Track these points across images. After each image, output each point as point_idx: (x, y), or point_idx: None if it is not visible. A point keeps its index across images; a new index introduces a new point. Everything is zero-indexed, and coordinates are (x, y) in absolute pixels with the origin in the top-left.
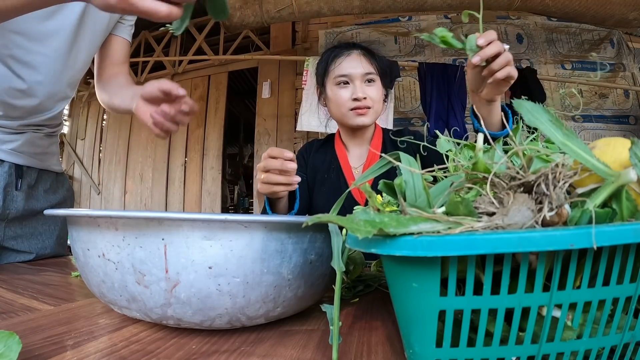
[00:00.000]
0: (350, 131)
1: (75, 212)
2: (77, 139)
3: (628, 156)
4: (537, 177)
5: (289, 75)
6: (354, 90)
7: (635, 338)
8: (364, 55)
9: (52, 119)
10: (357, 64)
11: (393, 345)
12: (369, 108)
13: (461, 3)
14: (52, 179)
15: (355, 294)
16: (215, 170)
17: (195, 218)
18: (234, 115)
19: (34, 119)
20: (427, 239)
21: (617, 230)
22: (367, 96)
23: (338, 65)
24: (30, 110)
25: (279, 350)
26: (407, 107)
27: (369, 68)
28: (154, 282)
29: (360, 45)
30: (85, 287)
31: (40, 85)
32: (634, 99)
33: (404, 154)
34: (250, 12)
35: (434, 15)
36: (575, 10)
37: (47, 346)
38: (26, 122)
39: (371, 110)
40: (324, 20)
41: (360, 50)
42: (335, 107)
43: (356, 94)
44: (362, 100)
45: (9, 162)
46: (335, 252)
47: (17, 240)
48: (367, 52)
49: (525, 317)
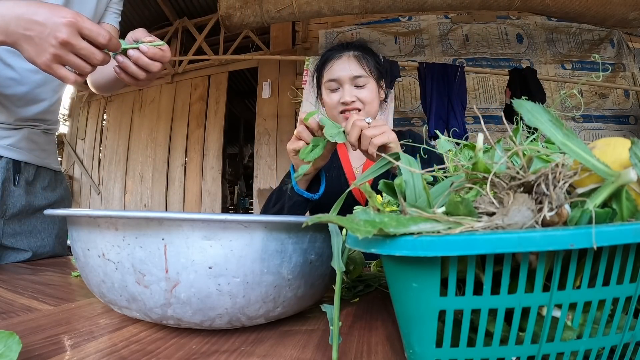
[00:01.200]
0: None
1: (75, 212)
2: (77, 139)
3: (628, 156)
4: (537, 177)
5: (289, 75)
6: (343, 94)
7: (635, 338)
8: (355, 57)
9: (48, 112)
10: (345, 67)
11: (393, 345)
12: (360, 110)
13: (461, 3)
14: (50, 176)
15: (355, 294)
16: (215, 170)
17: (195, 218)
18: (234, 115)
19: (29, 111)
20: (427, 239)
21: (617, 230)
22: (357, 99)
23: (329, 69)
24: (22, 98)
25: (279, 350)
26: (407, 107)
27: (358, 71)
28: (154, 282)
29: (353, 46)
30: (85, 287)
31: (30, 72)
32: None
33: (403, 154)
34: (250, 12)
35: (434, 15)
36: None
37: (47, 346)
38: (22, 116)
39: (362, 113)
40: (324, 20)
41: (353, 52)
42: (328, 110)
43: (344, 97)
44: (350, 104)
45: (7, 157)
46: (335, 252)
47: (15, 238)
48: (361, 52)
49: (525, 317)
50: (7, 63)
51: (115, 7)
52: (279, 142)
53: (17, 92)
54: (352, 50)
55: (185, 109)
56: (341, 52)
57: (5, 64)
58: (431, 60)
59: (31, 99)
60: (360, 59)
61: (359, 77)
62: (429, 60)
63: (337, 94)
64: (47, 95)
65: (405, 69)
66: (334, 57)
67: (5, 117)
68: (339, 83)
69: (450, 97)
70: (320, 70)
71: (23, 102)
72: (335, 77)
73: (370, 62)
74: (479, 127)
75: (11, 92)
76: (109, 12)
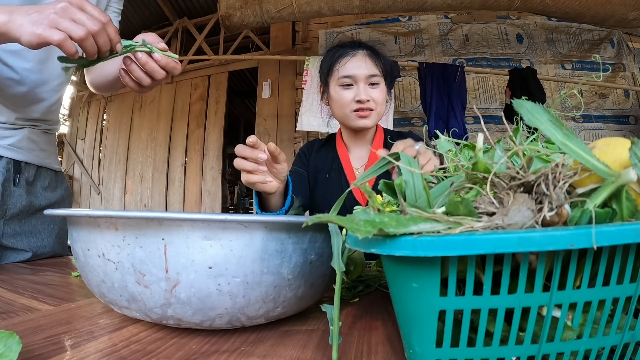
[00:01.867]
0: (352, 132)
1: (75, 212)
2: (77, 139)
3: (628, 156)
4: (537, 177)
5: (289, 75)
6: (358, 92)
7: (635, 338)
8: (369, 57)
9: (49, 113)
10: (362, 65)
11: (393, 345)
12: (372, 110)
13: (461, 3)
14: (50, 176)
15: (355, 294)
16: (215, 170)
17: (195, 218)
18: (234, 115)
19: (30, 111)
20: (427, 239)
21: (617, 230)
22: (371, 98)
23: (342, 65)
24: (22, 98)
25: (279, 350)
26: (407, 107)
27: (373, 70)
28: (154, 282)
29: (366, 45)
30: (85, 287)
31: (30, 72)
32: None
33: (403, 154)
34: (250, 12)
35: (434, 15)
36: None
37: (47, 346)
38: (23, 116)
39: (374, 113)
40: (324, 20)
41: (366, 51)
42: (338, 107)
43: (359, 95)
44: (365, 102)
45: (7, 157)
46: (335, 252)
47: (16, 239)
48: (372, 52)
49: (525, 317)
50: (7, 63)
51: (115, 7)
52: (279, 142)
53: (17, 92)
54: (365, 49)
55: (185, 109)
56: (356, 49)
57: (5, 64)
58: (431, 60)
59: (31, 99)
60: (373, 57)
61: (374, 76)
62: (429, 60)
63: (350, 91)
64: (47, 95)
65: (405, 69)
66: (349, 54)
67: (5, 117)
68: (354, 80)
69: (450, 97)
70: (332, 66)
71: (23, 103)
72: (351, 74)
73: (382, 62)
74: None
75: (11, 93)
76: (109, 11)
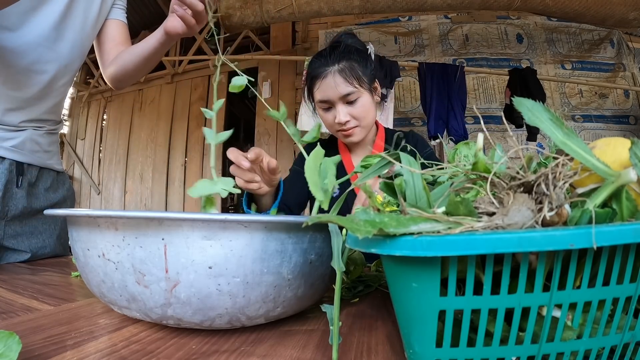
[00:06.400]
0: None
1: (75, 212)
2: (77, 139)
3: (628, 156)
4: (537, 177)
5: (289, 75)
6: (337, 113)
7: (635, 338)
8: (340, 73)
9: (52, 113)
10: (331, 86)
11: (393, 345)
12: (356, 127)
13: (461, 3)
14: (52, 177)
15: (355, 294)
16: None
17: (195, 218)
18: (234, 115)
19: (35, 110)
20: (427, 239)
21: (617, 230)
22: (351, 117)
23: (317, 88)
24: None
25: (279, 350)
26: (407, 107)
27: (346, 88)
28: (154, 282)
29: (337, 56)
30: (85, 287)
31: (36, 74)
32: (634, 99)
33: (404, 154)
34: (250, 12)
35: (434, 15)
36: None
37: (47, 346)
38: (27, 117)
39: (358, 129)
40: (324, 20)
41: (337, 66)
42: (325, 127)
43: (338, 118)
44: (345, 123)
45: (10, 159)
46: (335, 252)
47: (17, 239)
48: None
49: (525, 317)
50: (11, 63)
51: (121, 4)
52: (278, 142)
53: (24, 91)
54: (335, 63)
55: (185, 109)
56: (326, 68)
57: (9, 65)
58: (431, 60)
59: (37, 97)
60: (346, 73)
61: (349, 95)
62: (429, 60)
63: (331, 113)
64: (53, 93)
65: (405, 69)
66: (320, 76)
67: (10, 118)
68: (330, 103)
69: (450, 97)
70: (310, 87)
71: (30, 102)
72: (325, 98)
73: (356, 71)
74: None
75: (18, 92)
76: (115, 8)
